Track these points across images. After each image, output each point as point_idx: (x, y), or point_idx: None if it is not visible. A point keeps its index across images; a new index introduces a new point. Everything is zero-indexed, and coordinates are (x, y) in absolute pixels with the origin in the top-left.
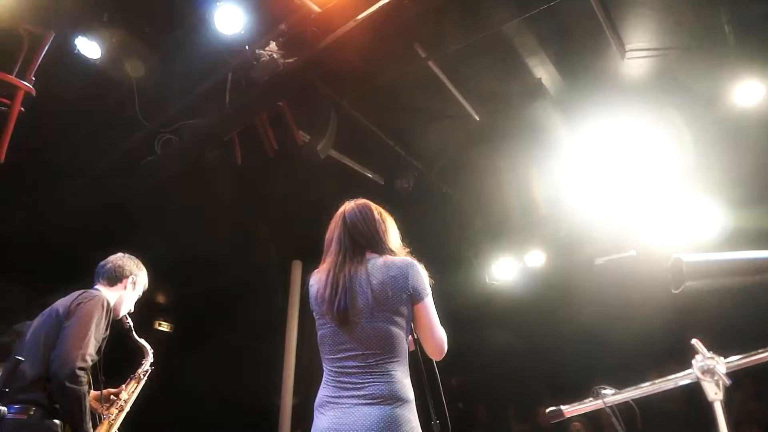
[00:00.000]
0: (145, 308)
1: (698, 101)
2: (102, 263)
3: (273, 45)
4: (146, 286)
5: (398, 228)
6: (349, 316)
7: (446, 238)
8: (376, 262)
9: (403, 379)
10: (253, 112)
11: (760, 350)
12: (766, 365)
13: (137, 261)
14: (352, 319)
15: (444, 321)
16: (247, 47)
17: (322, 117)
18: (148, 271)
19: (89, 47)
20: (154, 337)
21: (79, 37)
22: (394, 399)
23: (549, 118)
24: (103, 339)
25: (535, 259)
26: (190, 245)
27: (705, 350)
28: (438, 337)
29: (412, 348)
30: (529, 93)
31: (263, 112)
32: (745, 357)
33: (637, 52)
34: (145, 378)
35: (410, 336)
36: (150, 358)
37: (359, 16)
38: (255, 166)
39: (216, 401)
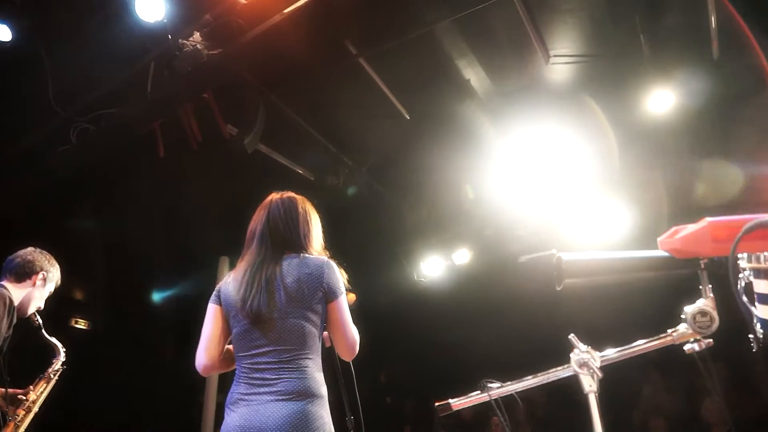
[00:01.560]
0: (61, 305)
1: (616, 107)
2: (10, 258)
3: (197, 35)
4: (59, 282)
5: (327, 225)
6: (262, 314)
7: (376, 236)
8: (292, 261)
9: (316, 375)
10: (176, 104)
11: (632, 344)
12: (674, 361)
13: (49, 256)
14: (266, 317)
15: (373, 317)
16: (170, 36)
17: (250, 110)
18: (63, 266)
19: None
20: (70, 335)
21: None
22: (307, 395)
23: (477, 118)
24: (6, 338)
25: (462, 256)
26: (109, 240)
27: (581, 345)
28: (350, 337)
29: (328, 344)
30: (458, 94)
31: (187, 104)
32: (618, 351)
33: (561, 58)
34: (56, 378)
35: (325, 333)
36: (61, 357)
37: (286, 10)
38: (179, 159)
39: (138, 400)
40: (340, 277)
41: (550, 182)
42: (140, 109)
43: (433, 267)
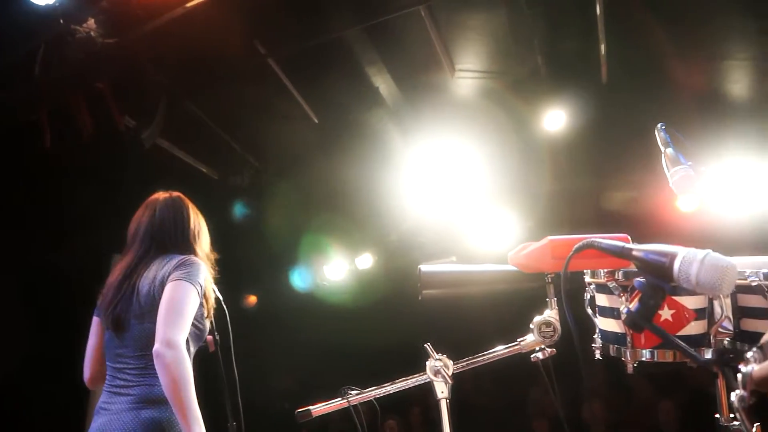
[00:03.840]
0: None
1: (515, 124)
2: None
3: (92, 22)
4: None
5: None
6: (122, 320)
7: (279, 237)
8: (156, 262)
9: None
10: (66, 92)
11: (483, 353)
12: (562, 363)
13: None
14: (125, 323)
15: (274, 320)
16: (62, 21)
17: (150, 104)
18: None
19: None
20: None
21: None
22: (165, 402)
23: (384, 126)
24: None
25: (365, 261)
26: None
27: (434, 353)
28: (161, 326)
29: (212, 348)
30: (366, 100)
31: (79, 93)
32: (470, 360)
33: (465, 73)
34: None
35: (209, 336)
36: None
37: (189, 4)
38: (69, 150)
39: (16, 406)
40: (194, 270)
41: (452, 192)
42: (24, 95)
43: (336, 271)
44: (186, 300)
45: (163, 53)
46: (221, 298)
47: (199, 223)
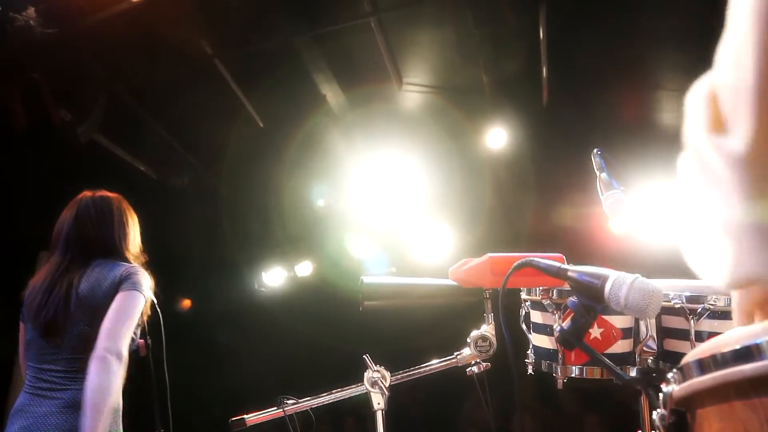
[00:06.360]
0: None
1: (458, 139)
2: None
3: (32, 11)
4: None
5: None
6: (55, 326)
7: (218, 242)
8: (96, 268)
9: None
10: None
11: (421, 366)
12: (495, 373)
13: None
14: (60, 328)
15: (208, 326)
16: (0, 8)
17: (88, 98)
18: None
19: None
20: None
21: None
22: None
23: (330, 134)
24: None
25: (305, 269)
26: None
27: (372, 364)
28: (106, 337)
29: (144, 353)
30: (314, 107)
31: (13, 83)
32: (407, 372)
33: (412, 86)
34: None
35: (141, 340)
36: None
37: None
38: (1, 142)
39: None
40: (141, 280)
41: (395, 203)
42: None
43: (275, 277)
44: (135, 310)
45: (105, 47)
46: (156, 301)
47: (126, 226)
